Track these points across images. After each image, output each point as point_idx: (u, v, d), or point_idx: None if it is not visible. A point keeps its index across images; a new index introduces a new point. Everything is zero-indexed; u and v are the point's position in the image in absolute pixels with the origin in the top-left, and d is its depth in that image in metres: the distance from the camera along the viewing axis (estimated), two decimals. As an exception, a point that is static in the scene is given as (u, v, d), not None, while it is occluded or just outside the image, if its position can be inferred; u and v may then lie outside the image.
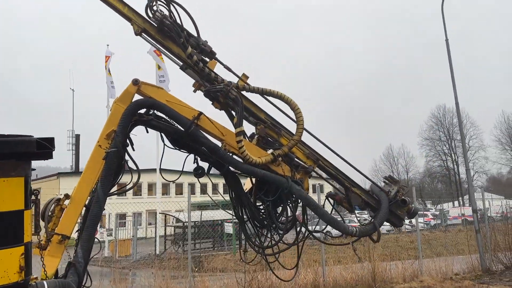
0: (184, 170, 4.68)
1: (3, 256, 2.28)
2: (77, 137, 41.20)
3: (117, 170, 4.02)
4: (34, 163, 2.67)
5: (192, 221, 19.61)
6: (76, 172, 37.19)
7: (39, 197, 2.90)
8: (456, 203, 51.10)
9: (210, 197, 6.36)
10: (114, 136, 3.95)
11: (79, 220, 3.82)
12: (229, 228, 19.33)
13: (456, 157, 62.35)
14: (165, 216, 25.24)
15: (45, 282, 2.68)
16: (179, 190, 45.63)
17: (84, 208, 3.87)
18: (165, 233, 23.26)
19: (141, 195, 40.88)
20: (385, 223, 4.76)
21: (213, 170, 4.84)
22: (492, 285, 8.69)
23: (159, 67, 22.28)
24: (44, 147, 2.43)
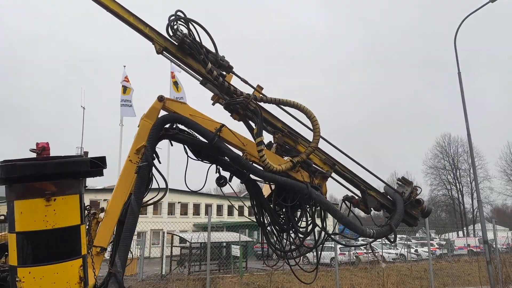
0: (193, 190, 4.77)
1: (65, 268, 2.38)
2: (86, 154, 41.07)
3: (146, 183, 4.14)
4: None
5: (198, 242, 19.36)
6: (85, 186, 37.13)
7: (91, 212, 3.00)
8: (460, 233, 50.63)
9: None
10: (145, 151, 4.05)
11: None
12: (236, 251, 18.86)
13: (460, 186, 61.72)
14: (172, 236, 24.49)
15: None
16: (184, 210, 45.44)
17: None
18: (171, 253, 22.41)
19: (146, 214, 40.65)
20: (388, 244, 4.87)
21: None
22: None
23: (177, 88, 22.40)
24: (97, 166, 2.55)
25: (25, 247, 2.32)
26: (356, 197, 4.90)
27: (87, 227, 3.53)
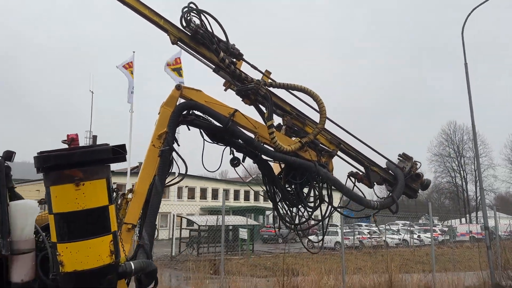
0: (203, 176, 4.85)
1: (96, 243, 2.55)
2: (94, 138, 40.57)
3: (168, 165, 4.26)
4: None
5: (206, 225, 19.48)
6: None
7: (119, 193, 3.17)
8: (463, 220, 49.67)
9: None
10: (166, 136, 4.17)
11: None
12: (243, 234, 18.89)
13: (465, 174, 60.01)
14: (181, 219, 24.59)
15: (131, 263, 2.96)
16: (191, 194, 45.30)
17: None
18: (180, 235, 22.38)
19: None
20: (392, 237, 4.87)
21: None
22: None
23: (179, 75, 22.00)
24: (119, 153, 2.67)
25: (61, 226, 2.49)
26: (360, 173, 4.94)
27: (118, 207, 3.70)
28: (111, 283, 2.63)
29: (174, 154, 4.42)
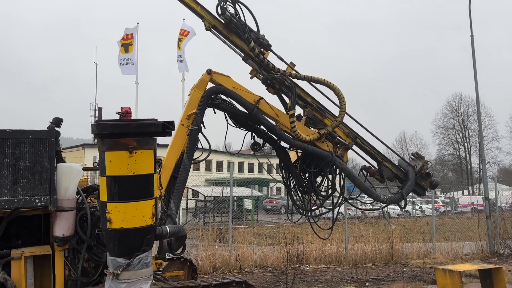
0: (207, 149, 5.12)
1: (141, 205, 2.89)
2: (100, 110, 40.13)
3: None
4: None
5: (211, 196, 19.94)
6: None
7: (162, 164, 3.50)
8: (465, 192, 49.73)
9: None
10: (195, 117, 4.48)
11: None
12: (248, 204, 19.42)
13: (469, 146, 59.68)
14: (187, 190, 25.49)
15: (167, 227, 3.31)
16: (195, 166, 46.18)
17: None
18: (186, 206, 22.86)
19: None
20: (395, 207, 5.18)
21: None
22: (500, 265, 8.96)
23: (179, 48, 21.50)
24: (167, 128, 2.99)
25: (112, 187, 2.84)
26: (373, 168, 5.23)
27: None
28: (149, 242, 2.99)
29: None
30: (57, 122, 3.73)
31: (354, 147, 5.28)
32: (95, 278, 3.76)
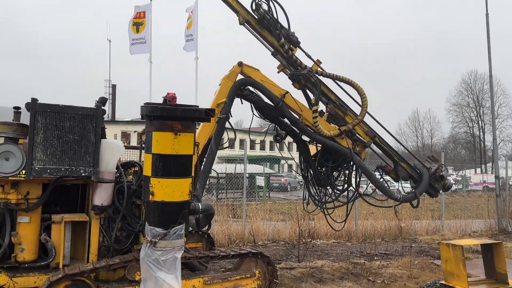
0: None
1: (181, 182, 3.31)
2: (114, 87, 40.35)
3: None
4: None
5: (223, 172, 20.53)
6: (113, 120, 37.22)
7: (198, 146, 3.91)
8: (478, 170, 49.39)
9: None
10: (225, 106, 4.89)
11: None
12: (260, 181, 20.04)
13: (483, 124, 59.08)
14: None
15: (199, 203, 3.75)
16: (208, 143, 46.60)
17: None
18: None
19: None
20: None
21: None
22: (506, 242, 9.22)
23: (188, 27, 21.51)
24: (208, 115, 3.40)
25: (157, 164, 3.26)
26: (389, 167, 5.59)
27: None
28: (184, 216, 3.41)
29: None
30: (103, 101, 4.17)
31: (373, 145, 5.65)
32: (126, 246, 4.23)
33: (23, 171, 3.89)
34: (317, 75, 5.33)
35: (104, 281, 3.99)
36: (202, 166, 4.70)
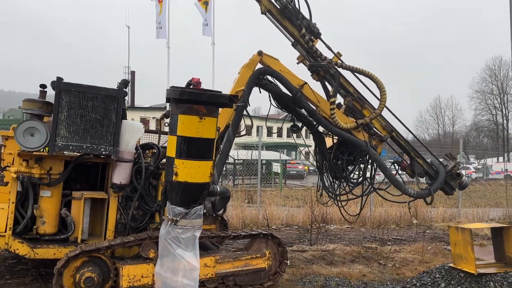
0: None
1: (204, 165, 3.52)
2: (133, 73, 40.95)
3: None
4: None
5: (240, 159, 20.88)
6: (132, 106, 37.79)
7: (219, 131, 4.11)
8: (500, 159, 49.15)
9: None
10: (243, 94, 5.05)
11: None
12: (277, 167, 20.39)
13: (507, 112, 58.76)
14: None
15: (217, 186, 3.97)
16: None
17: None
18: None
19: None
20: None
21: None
22: None
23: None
24: (232, 100, 3.60)
25: (182, 146, 3.46)
26: (405, 162, 5.75)
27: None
28: (204, 197, 3.63)
29: None
30: (125, 83, 4.38)
31: (389, 140, 5.80)
32: (142, 225, 4.47)
33: (47, 148, 4.13)
34: (336, 67, 5.48)
35: (119, 257, 4.24)
36: (220, 152, 4.90)
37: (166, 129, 3.99)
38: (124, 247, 4.19)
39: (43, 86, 4.42)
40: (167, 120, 4.04)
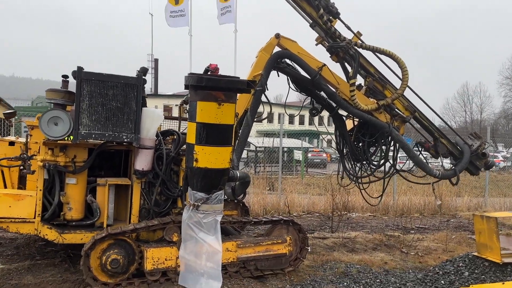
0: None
1: (223, 151, 3.65)
2: (156, 61, 41.66)
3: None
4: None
5: (262, 146, 21.09)
6: (155, 94, 38.52)
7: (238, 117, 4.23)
8: None
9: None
10: (261, 78, 5.11)
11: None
12: (298, 155, 20.52)
13: None
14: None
15: (237, 171, 4.11)
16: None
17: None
18: None
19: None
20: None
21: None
22: None
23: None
24: (250, 86, 3.69)
25: (201, 132, 3.59)
26: (429, 143, 5.73)
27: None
28: (225, 182, 3.77)
29: None
30: (144, 71, 4.51)
31: (412, 121, 5.77)
32: (165, 209, 4.66)
33: (71, 136, 4.33)
34: (356, 47, 5.46)
35: (144, 241, 4.45)
36: (239, 137, 5.01)
37: (186, 115, 4.13)
38: (148, 230, 4.40)
39: (65, 76, 4.59)
40: (187, 106, 4.17)
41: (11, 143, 5.25)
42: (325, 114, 6.23)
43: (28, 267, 4.72)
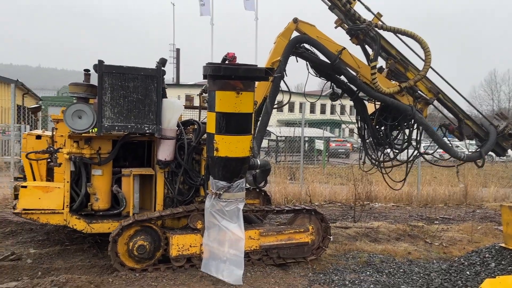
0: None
1: (243, 139, 3.75)
2: (178, 51, 41.94)
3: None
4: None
5: (282, 136, 21.17)
6: (177, 84, 39.02)
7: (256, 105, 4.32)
8: None
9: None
10: (279, 64, 5.15)
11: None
12: (320, 145, 20.51)
13: None
14: None
15: (258, 160, 4.21)
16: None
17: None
18: None
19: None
20: None
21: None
22: None
23: None
24: (268, 74, 3.75)
25: (221, 122, 3.69)
26: (453, 125, 5.67)
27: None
28: (245, 170, 3.87)
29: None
30: (163, 62, 4.62)
31: (436, 103, 5.71)
32: (188, 198, 4.82)
33: (95, 129, 4.51)
34: (376, 29, 5.41)
35: (169, 228, 4.63)
36: (258, 125, 5.09)
37: (206, 104, 4.22)
38: (173, 217, 4.57)
39: (86, 70, 4.75)
40: (207, 95, 4.27)
41: (38, 137, 5.51)
42: (347, 103, 6.21)
43: (58, 252, 4.99)
